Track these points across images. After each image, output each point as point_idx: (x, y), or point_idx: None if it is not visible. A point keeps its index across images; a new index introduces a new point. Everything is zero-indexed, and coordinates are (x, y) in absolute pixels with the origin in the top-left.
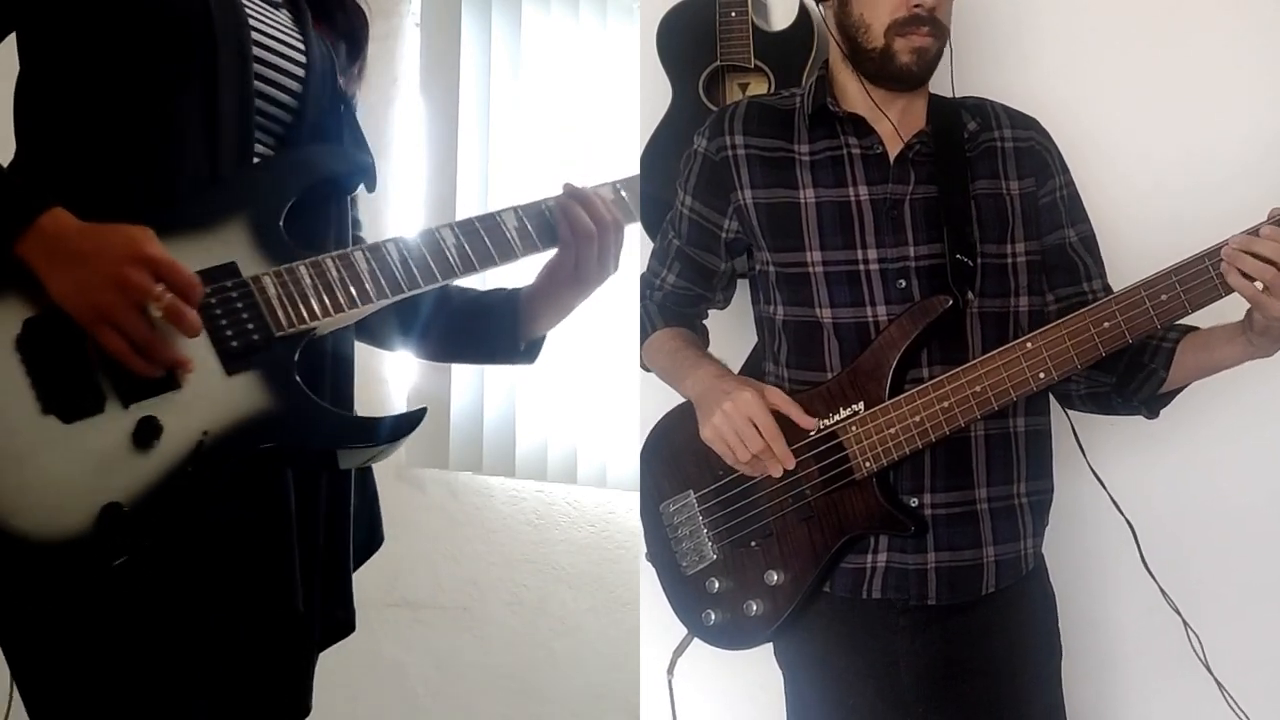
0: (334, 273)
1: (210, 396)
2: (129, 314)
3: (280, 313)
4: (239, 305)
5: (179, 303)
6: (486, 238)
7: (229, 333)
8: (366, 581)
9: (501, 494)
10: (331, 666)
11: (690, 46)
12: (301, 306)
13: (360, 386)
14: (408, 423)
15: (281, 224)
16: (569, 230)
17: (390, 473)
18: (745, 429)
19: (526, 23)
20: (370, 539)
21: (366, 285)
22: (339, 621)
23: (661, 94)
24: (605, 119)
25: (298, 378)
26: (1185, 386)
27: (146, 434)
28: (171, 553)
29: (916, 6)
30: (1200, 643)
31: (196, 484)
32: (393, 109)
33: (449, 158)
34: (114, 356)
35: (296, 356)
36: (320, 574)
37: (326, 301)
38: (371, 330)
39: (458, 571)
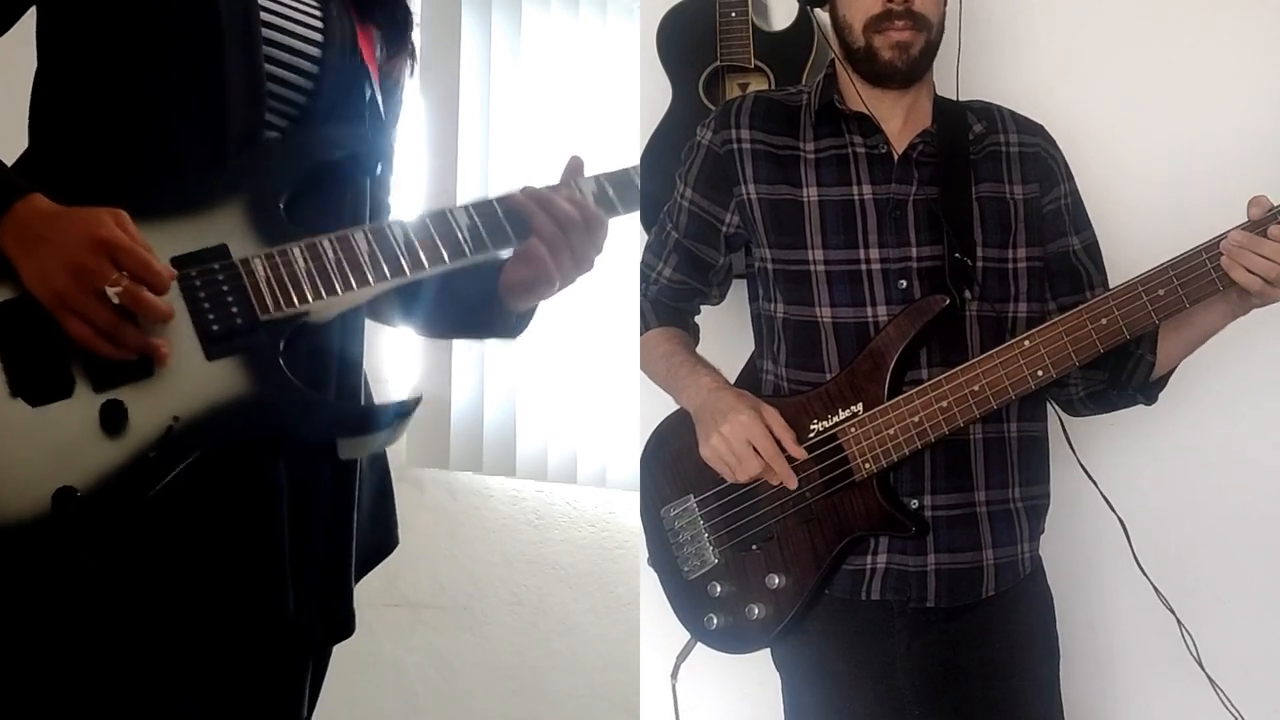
0: (330, 255)
1: (186, 381)
2: (87, 300)
3: (268, 296)
4: (225, 288)
5: (136, 287)
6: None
7: (211, 316)
8: (366, 581)
9: (501, 494)
10: (331, 666)
11: (690, 46)
12: (291, 290)
13: None
14: (400, 411)
15: (281, 206)
16: (537, 236)
17: (390, 473)
18: (744, 451)
19: (526, 22)
20: (385, 541)
21: (365, 269)
22: (339, 621)
23: (661, 94)
24: (605, 119)
25: (282, 363)
26: (1176, 367)
27: (113, 419)
28: (153, 547)
29: (890, 1)
30: (1194, 641)
31: (160, 470)
32: None
33: (449, 158)
34: (80, 343)
35: (283, 343)
36: (318, 573)
37: (320, 285)
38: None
39: (458, 571)
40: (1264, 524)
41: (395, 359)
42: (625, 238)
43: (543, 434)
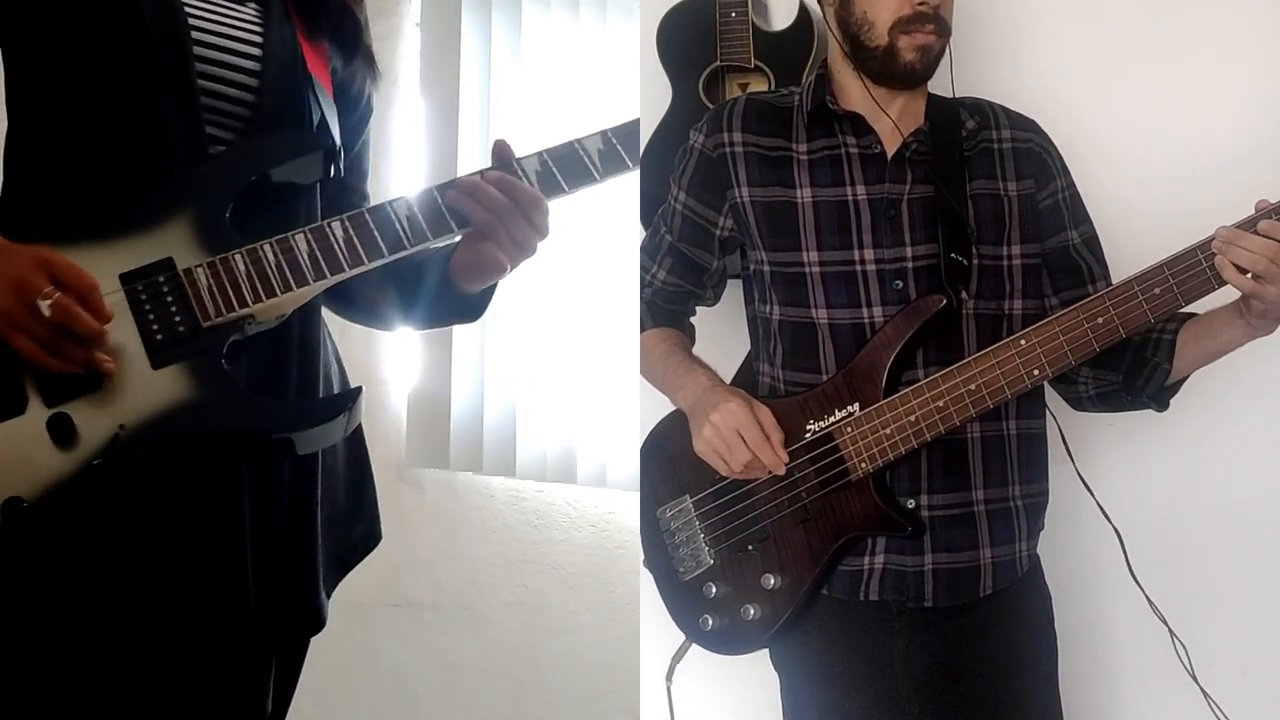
0: (270, 258)
1: (133, 391)
2: (26, 315)
3: (209, 302)
4: (169, 298)
5: (67, 300)
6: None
7: (155, 326)
8: (366, 582)
9: (501, 494)
10: (332, 666)
11: (690, 46)
12: (232, 295)
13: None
14: (338, 403)
15: (227, 216)
16: (474, 224)
17: (390, 473)
18: (733, 440)
19: (526, 23)
20: (368, 536)
21: (305, 269)
22: (308, 615)
23: (661, 94)
24: (605, 119)
25: (224, 365)
26: (1190, 375)
27: (62, 431)
28: (117, 549)
29: (921, 4)
30: (1186, 651)
31: (107, 477)
32: (393, 109)
33: (449, 158)
34: (26, 358)
35: (226, 346)
36: (282, 570)
37: (260, 288)
38: (372, 310)
39: (458, 571)
40: (1259, 535)
41: (395, 359)
42: (624, 239)
43: (542, 434)
